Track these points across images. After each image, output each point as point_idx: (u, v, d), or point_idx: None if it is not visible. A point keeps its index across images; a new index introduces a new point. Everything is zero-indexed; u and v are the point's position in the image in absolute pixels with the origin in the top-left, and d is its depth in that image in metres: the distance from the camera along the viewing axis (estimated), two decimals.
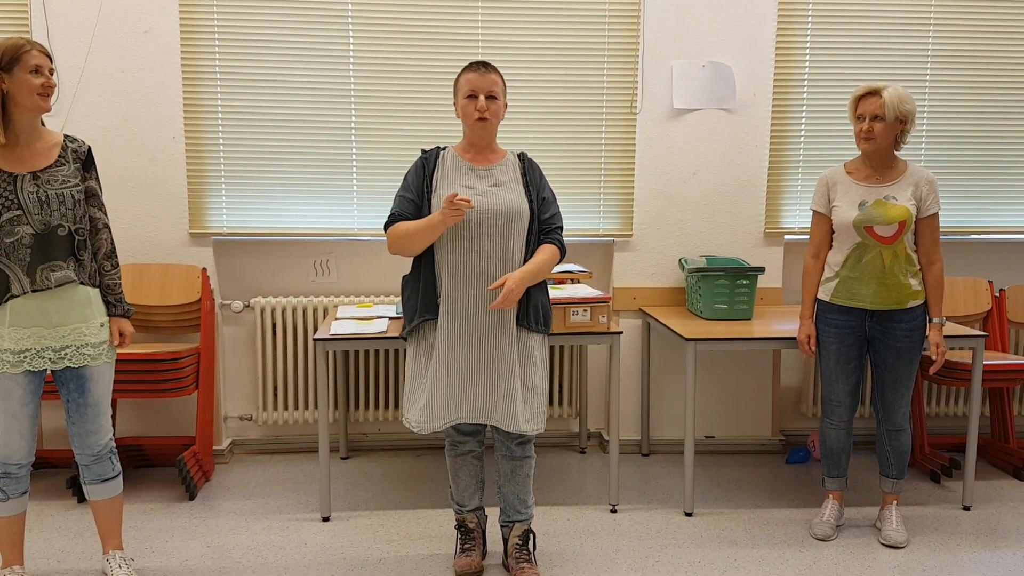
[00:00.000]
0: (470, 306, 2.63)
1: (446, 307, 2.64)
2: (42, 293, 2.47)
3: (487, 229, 2.62)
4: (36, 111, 2.45)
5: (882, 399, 3.12)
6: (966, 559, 2.98)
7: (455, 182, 2.67)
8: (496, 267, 2.63)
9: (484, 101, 2.63)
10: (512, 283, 2.56)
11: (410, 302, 2.72)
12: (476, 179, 2.68)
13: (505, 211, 2.64)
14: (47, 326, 2.48)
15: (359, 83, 3.81)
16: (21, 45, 2.40)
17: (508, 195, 2.67)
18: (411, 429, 2.71)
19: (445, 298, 2.64)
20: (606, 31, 3.87)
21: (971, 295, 4.02)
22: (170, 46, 3.67)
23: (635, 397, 4.07)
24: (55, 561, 2.90)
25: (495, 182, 2.69)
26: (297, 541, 3.08)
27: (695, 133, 3.92)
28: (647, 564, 2.92)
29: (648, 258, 3.98)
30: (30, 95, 2.41)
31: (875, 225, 2.97)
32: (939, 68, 4.03)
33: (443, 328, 2.64)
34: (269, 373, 3.91)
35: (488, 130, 2.69)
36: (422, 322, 2.67)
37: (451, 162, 2.72)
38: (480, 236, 2.62)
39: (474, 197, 2.63)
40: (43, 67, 2.42)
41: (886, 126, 2.94)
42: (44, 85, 2.42)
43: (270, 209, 3.86)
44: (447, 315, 2.64)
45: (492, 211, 2.63)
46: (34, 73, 2.40)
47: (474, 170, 2.70)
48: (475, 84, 2.64)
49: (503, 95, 2.70)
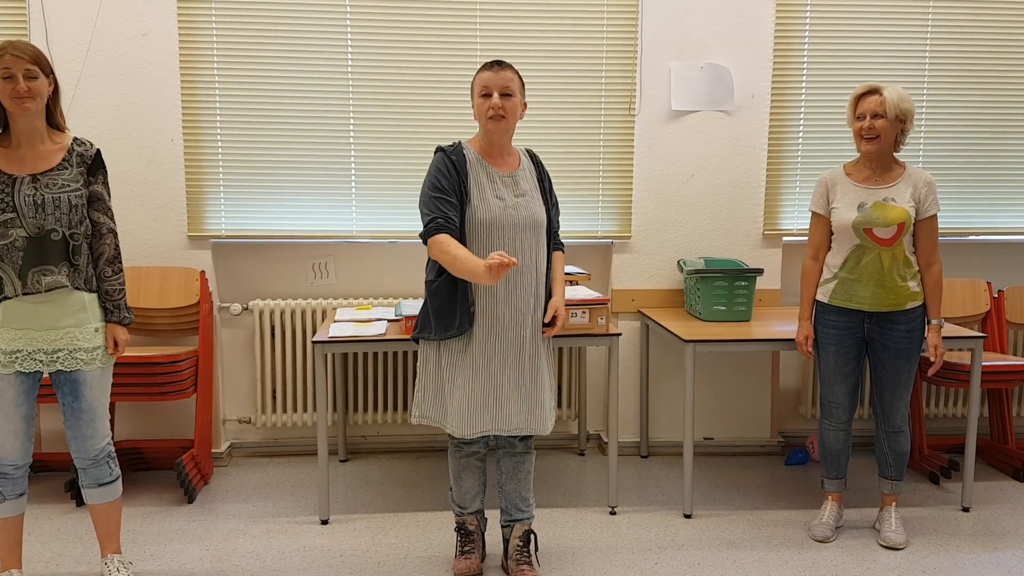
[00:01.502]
0: (506, 320, 2.64)
1: (481, 319, 2.64)
2: (33, 296, 2.46)
3: (519, 244, 2.64)
4: (20, 116, 2.43)
5: (881, 401, 3.12)
6: (965, 560, 2.98)
7: (488, 192, 2.64)
8: (527, 279, 2.66)
9: (498, 99, 2.61)
10: (562, 311, 2.73)
11: (444, 309, 2.64)
12: (504, 188, 2.67)
13: (532, 224, 2.67)
14: (38, 328, 2.47)
15: (357, 86, 3.81)
16: None
17: (533, 206, 2.68)
18: (449, 432, 2.72)
19: (480, 311, 2.64)
20: (604, 33, 3.87)
21: (969, 296, 4.02)
22: (168, 49, 3.67)
23: (634, 399, 4.07)
24: (53, 565, 2.90)
25: (520, 192, 2.69)
26: (296, 544, 3.08)
27: (693, 135, 3.92)
28: (646, 566, 2.92)
29: (646, 260, 3.98)
30: (6, 99, 2.40)
31: (874, 227, 2.97)
32: (937, 69, 4.03)
33: (477, 341, 2.64)
34: (268, 376, 3.91)
35: (503, 128, 2.65)
36: (461, 332, 2.64)
37: (479, 166, 2.68)
38: (513, 250, 2.64)
39: (507, 210, 2.63)
40: (13, 71, 2.38)
41: (887, 124, 2.94)
42: (13, 91, 2.39)
43: (268, 212, 3.86)
44: (482, 328, 2.64)
45: (522, 224, 2.65)
46: (5, 80, 2.38)
47: (501, 178, 2.68)
48: (488, 82, 2.62)
49: (520, 93, 2.65)
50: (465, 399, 2.66)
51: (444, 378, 2.71)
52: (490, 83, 2.62)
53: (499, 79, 2.61)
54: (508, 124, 2.64)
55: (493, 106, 2.61)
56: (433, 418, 2.75)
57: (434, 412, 2.75)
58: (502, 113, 2.62)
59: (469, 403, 2.66)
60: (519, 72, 2.70)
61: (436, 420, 2.74)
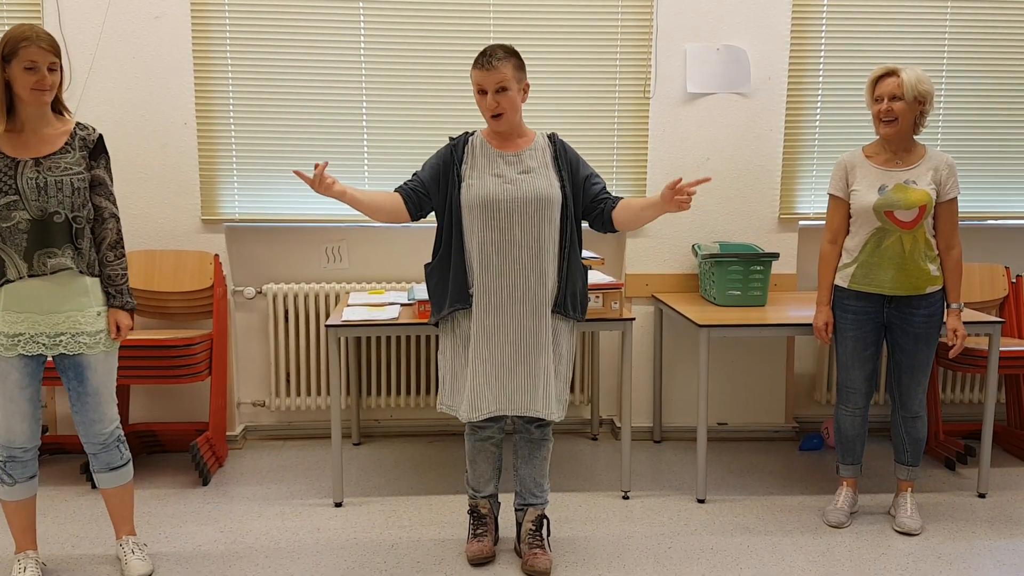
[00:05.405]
0: (504, 296, 2.62)
1: (479, 297, 2.63)
2: (38, 279, 2.46)
3: (518, 218, 2.61)
4: (34, 104, 2.43)
5: (899, 385, 3.09)
6: (981, 546, 2.96)
7: (484, 171, 2.65)
8: (528, 256, 2.62)
9: (492, 98, 2.59)
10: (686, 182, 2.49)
11: (438, 290, 2.70)
12: (505, 166, 2.65)
13: (535, 198, 2.62)
14: (40, 312, 2.48)
15: (370, 67, 3.79)
16: (20, 38, 2.36)
17: (538, 181, 2.64)
18: (459, 417, 2.71)
19: (478, 288, 2.63)
20: (619, 14, 3.83)
21: (987, 281, 3.98)
22: (181, 32, 3.66)
23: (647, 384, 4.05)
24: (69, 546, 2.92)
25: (524, 168, 2.66)
26: (310, 526, 3.09)
27: (709, 117, 3.88)
28: (659, 551, 2.91)
29: (661, 244, 3.96)
30: (24, 89, 2.40)
31: (896, 210, 2.93)
32: (956, 50, 3.97)
33: (477, 318, 2.64)
34: (282, 359, 3.92)
35: (504, 123, 2.64)
36: (453, 311, 2.66)
37: (480, 149, 2.69)
38: (511, 225, 2.60)
39: (504, 186, 2.61)
40: (39, 64, 2.38)
41: (906, 106, 2.89)
42: (37, 83, 2.39)
43: (282, 195, 3.85)
44: (480, 305, 2.63)
45: (522, 199, 2.61)
46: (28, 71, 2.37)
47: (503, 156, 2.67)
48: (481, 81, 2.59)
49: (516, 82, 2.61)
50: (474, 379, 2.65)
51: (457, 362, 2.72)
52: (483, 82, 2.59)
53: (491, 78, 2.57)
54: (508, 117, 2.63)
55: (489, 106, 2.60)
56: (450, 406, 2.76)
57: (450, 399, 2.76)
58: (499, 111, 2.60)
59: (476, 383, 2.65)
60: (516, 52, 2.63)
61: (452, 409, 2.75)
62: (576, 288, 2.72)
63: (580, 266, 2.75)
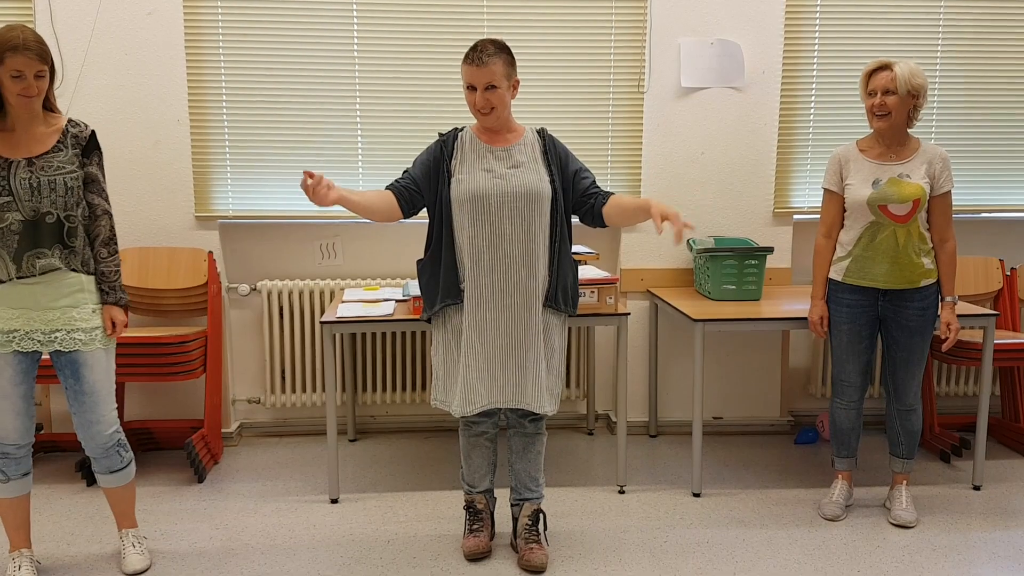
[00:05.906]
0: (494, 291, 2.62)
1: (470, 292, 2.63)
2: (28, 279, 2.45)
3: (508, 213, 2.61)
4: (21, 109, 2.42)
5: (893, 378, 3.10)
6: (976, 539, 2.97)
7: (474, 166, 2.65)
8: (518, 250, 2.62)
9: (481, 96, 2.58)
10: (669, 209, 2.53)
11: (430, 286, 2.71)
12: (494, 161, 2.65)
13: (524, 193, 2.61)
14: (35, 308, 2.47)
15: (363, 64, 3.78)
16: (7, 46, 2.33)
17: (528, 176, 2.64)
18: (452, 413, 2.71)
19: (468, 283, 2.63)
20: (613, 8, 3.82)
21: (982, 274, 3.99)
22: (174, 28, 3.64)
23: (643, 378, 4.06)
24: (64, 544, 2.92)
25: (514, 163, 2.66)
26: (306, 523, 3.09)
27: (703, 112, 3.88)
28: (655, 544, 2.92)
29: (656, 239, 3.95)
30: (11, 95, 2.39)
31: (889, 203, 2.94)
32: (950, 44, 3.98)
33: (468, 313, 2.64)
34: (276, 356, 3.91)
35: (492, 120, 2.64)
36: (445, 306, 2.66)
37: (469, 144, 2.69)
38: (501, 220, 2.60)
39: (494, 180, 2.61)
40: (25, 73, 2.36)
41: (899, 100, 2.90)
42: (23, 90, 2.37)
43: (276, 192, 3.84)
44: (471, 300, 2.63)
45: (512, 194, 2.61)
46: (15, 78, 2.36)
47: (493, 151, 2.67)
48: (470, 78, 2.59)
49: (506, 79, 2.60)
50: (466, 374, 2.65)
51: (449, 357, 2.71)
52: (472, 79, 2.59)
53: (481, 75, 2.56)
54: (497, 114, 2.62)
55: (477, 103, 2.59)
56: (443, 401, 2.76)
57: (443, 395, 2.75)
58: (487, 109, 2.60)
59: (468, 378, 2.65)
60: (507, 48, 2.61)
61: (445, 404, 2.75)
62: (567, 282, 2.72)
63: (571, 260, 2.75)
